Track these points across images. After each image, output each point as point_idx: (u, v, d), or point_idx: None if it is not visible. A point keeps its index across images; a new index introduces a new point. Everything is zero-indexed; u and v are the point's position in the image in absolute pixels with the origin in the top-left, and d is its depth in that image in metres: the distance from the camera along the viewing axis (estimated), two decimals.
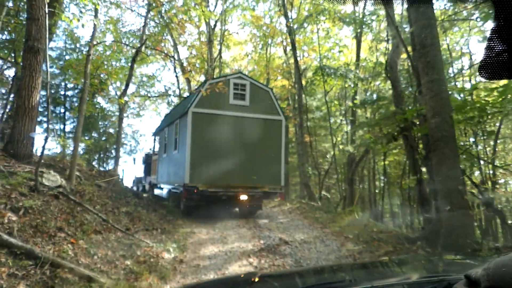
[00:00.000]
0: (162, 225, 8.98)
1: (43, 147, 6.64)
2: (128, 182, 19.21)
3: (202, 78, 27.69)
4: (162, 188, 13.45)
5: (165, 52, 25.64)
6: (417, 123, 9.21)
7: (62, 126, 20.16)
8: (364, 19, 17.27)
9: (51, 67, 20.19)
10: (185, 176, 9.99)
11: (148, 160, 16.43)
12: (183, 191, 10.06)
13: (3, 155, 8.08)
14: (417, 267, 2.25)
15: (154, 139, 16.26)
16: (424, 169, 10.11)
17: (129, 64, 17.34)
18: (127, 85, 16.46)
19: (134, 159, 22.03)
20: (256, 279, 2.07)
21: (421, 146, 8.82)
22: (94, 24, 9.73)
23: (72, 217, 6.24)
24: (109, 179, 12.09)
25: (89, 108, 13.35)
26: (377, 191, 26.17)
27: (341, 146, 22.72)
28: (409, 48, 8.94)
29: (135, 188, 16.68)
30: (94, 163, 21.72)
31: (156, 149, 15.56)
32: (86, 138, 20.15)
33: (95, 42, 9.60)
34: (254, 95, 10.90)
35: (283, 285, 1.98)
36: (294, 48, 17.15)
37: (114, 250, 5.99)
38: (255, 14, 26.01)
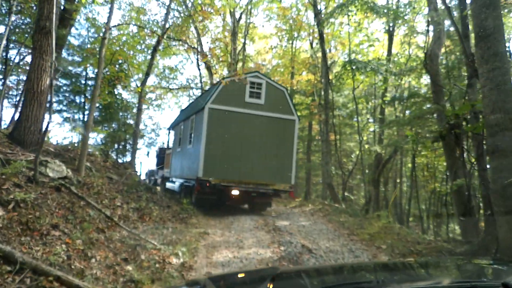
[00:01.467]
0: (174, 223, 8.30)
1: (44, 134, 6.04)
2: (144, 175, 18.83)
3: (225, 72, 27.11)
4: (174, 182, 13.44)
5: (188, 43, 25.17)
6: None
7: (81, 116, 19.88)
8: (399, 11, 16.10)
9: (72, 55, 19.97)
10: (199, 169, 10.13)
11: (161, 154, 16.29)
12: (196, 184, 10.17)
13: (9, 141, 7.57)
14: (448, 271, 2.16)
15: (169, 133, 16.14)
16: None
17: (150, 54, 16.83)
18: (147, 75, 15.94)
19: (148, 152, 22.00)
20: (279, 274, 2.03)
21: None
22: (111, 4, 9.12)
23: (71, 212, 5.60)
24: (122, 171, 11.55)
25: (105, 97, 12.82)
26: (402, 194, 24.90)
27: (366, 146, 21.62)
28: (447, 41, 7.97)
29: (147, 181, 16.55)
30: (112, 154, 21.40)
31: (171, 143, 15.63)
32: (105, 128, 19.81)
33: (111, 25, 8.95)
34: (269, 94, 11.04)
35: (307, 282, 1.94)
36: (322, 40, 16.16)
37: (116, 252, 5.31)
38: (282, 6, 25.10)
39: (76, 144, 11.86)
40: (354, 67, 14.33)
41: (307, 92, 21.28)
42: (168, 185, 14.07)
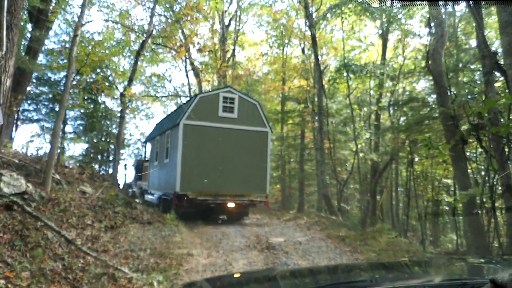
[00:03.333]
0: (154, 243, 7.28)
1: None
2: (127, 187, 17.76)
3: (214, 77, 26.25)
4: (153, 194, 13.46)
5: (175, 49, 24.30)
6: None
7: (62, 126, 18.72)
8: (393, 12, 15.48)
9: (54, 61, 18.90)
10: (176, 184, 10.37)
11: (139, 166, 16.35)
12: (174, 198, 10.42)
13: None
14: (440, 270, 2.19)
15: (145, 146, 16.37)
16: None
17: (133, 59, 15.88)
18: (130, 80, 14.96)
19: (125, 165, 21.76)
20: (276, 275, 2.06)
21: None
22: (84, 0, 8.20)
23: (20, 237, 4.59)
24: (101, 184, 10.52)
25: (82, 103, 11.81)
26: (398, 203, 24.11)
27: (361, 154, 20.86)
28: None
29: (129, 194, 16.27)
30: (95, 166, 20.26)
31: (148, 155, 15.83)
32: (84, 138, 18.68)
33: (83, 22, 8.02)
34: (242, 108, 11.42)
35: (303, 282, 1.96)
36: (314, 43, 15.42)
37: (75, 286, 4.30)
38: (272, 11, 24.47)
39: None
40: (349, 71, 13.57)
41: (299, 99, 20.49)
42: (147, 197, 13.98)
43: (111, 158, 19.92)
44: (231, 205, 10.74)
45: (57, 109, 19.17)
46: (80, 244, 5.25)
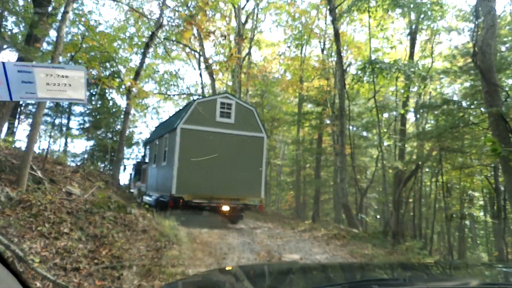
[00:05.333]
0: (144, 258, 6.06)
1: None
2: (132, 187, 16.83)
3: (229, 77, 25.15)
4: (151, 196, 13.46)
5: (189, 46, 23.29)
6: None
7: (65, 121, 17.91)
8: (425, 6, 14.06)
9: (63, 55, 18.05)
10: (172, 186, 10.53)
11: (138, 168, 16.38)
12: (170, 200, 10.54)
13: None
14: (476, 273, 2.13)
15: (145, 148, 16.39)
16: None
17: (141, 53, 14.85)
18: (137, 74, 13.92)
19: (125, 166, 21.56)
20: (301, 268, 2.20)
21: None
22: None
23: None
24: (94, 184, 9.39)
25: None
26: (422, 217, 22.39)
27: (384, 162, 19.38)
28: None
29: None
30: (102, 164, 19.30)
31: (147, 158, 15.95)
32: (85, 137, 17.74)
33: None
34: (239, 113, 11.60)
35: (330, 276, 1.97)
36: (337, 39, 14.11)
37: None
38: (291, 10, 23.28)
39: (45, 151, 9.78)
40: (376, 68, 12.21)
41: (318, 100, 19.12)
42: (145, 198, 13.94)
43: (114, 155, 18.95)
44: (225, 208, 10.90)
45: (61, 103, 18.30)
46: (38, 261, 4.06)
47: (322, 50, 21.34)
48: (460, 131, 12.47)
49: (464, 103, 13.50)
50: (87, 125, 18.79)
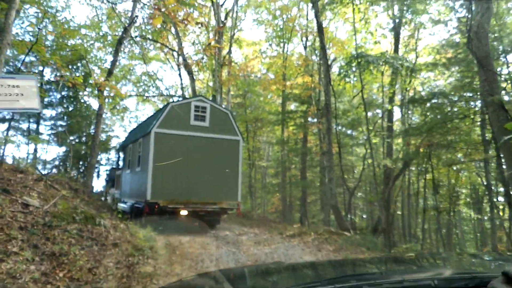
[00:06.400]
0: (111, 278, 5.20)
1: None
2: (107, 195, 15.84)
3: (209, 77, 24.31)
4: (126, 203, 13.08)
5: (167, 45, 22.36)
6: None
7: (35, 126, 16.70)
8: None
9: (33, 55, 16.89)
10: (147, 192, 10.29)
11: (112, 174, 15.92)
12: (145, 207, 10.29)
13: None
14: (450, 264, 2.22)
15: (119, 154, 16.13)
16: None
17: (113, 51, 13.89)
18: (110, 73, 12.98)
19: (98, 172, 20.72)
20: (285, 268, 2.21)
21: None
22: None
23: None
24: (57, 193, 8.42)
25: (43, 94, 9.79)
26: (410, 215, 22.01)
27: (369, 161, 18.90)
28: None
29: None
30: (76, 171, 18.15)
31: (120, 163, 15.69)
32: (51, 141, 16.62)
33: None
34: (214, 116, 11.53)
35: (311, 274, 2.01)
36: (321, 33, 13.50)
37: None
38: (271, 8, 22.70)
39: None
40: (363, 62, 11.64)
41: (303, 97, 18.46)
42: (120, 206, 13.50)
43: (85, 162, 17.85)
44: (202, 213, 10.79)
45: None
46: None
47: (305, 47, 20.77)
48: (450, 126, 12.02)
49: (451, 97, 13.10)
50: (59, 129, 17.61)
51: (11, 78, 1.51)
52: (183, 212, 10.52)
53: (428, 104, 11.87)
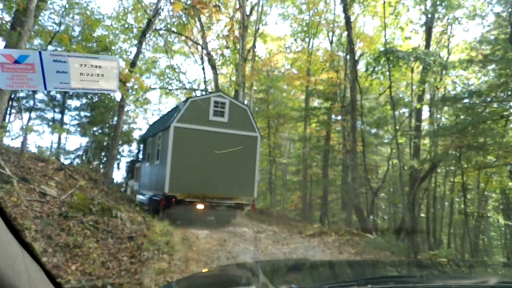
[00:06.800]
0: (123, 274, 5.03)
1: None
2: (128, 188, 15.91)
3: (232, 71, 24.11)
4: (144, 195, 13.16)
5: (190, 38, 22.27)
6: None
7: (59, 116, 16.92)
8: None
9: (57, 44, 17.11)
10: (165, 185, 10.38)
11: (132, 166, 16.02)
12: (162, 199, 10.40)
13: None
14: (494, 272, 2.10)
15: (139, 147, 16.22)
16: None
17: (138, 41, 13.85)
18: (133, 64, 12.94)
19: (119, 164, 20.90)
20: (313, 265, 2.21)
21: None
22: None
23: None
24: (76, 183, 8.38)
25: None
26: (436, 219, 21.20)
27: (394, 161, 18.24)
28: None
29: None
30: (98, 162, 18.35)
31: (140, 156, 15.81)
32: (75, 132, 16.80)
33: None
34: (232, 112, 11.54)
35: (345, 272, 1.97)
36: (349, 26, 13.02)
37: None
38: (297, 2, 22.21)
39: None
40: (393, 58, 11.11)
41: (326, 94, 17.97)
42: (139, 197, 13.60)
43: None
44: (218, 207, 10.88)
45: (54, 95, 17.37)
46: None
47: (331, 42, 20.23)
48: (482, 127, 11.35)
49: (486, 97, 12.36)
50: (83, 120, 17.82)
51: (95, 58, 1.56)
52: (200, 206, 10.61)
53: (460, 104, 11.20)
